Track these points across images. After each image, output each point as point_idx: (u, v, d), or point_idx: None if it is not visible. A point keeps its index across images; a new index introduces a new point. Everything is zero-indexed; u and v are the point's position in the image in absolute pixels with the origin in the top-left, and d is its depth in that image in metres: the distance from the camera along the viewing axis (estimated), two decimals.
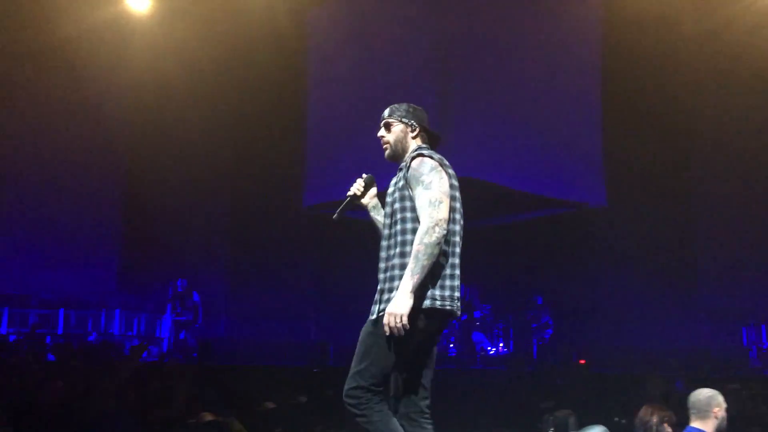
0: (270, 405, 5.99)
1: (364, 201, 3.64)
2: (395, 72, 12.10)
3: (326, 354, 10.77)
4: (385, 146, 3.48)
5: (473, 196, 12.99)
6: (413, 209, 3.22)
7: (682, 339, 11.28)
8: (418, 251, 3.07)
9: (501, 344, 12.81)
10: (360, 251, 12.99)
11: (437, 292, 3.14)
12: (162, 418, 6.68)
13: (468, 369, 10.41)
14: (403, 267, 3.13)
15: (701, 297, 12.19)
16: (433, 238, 3.08)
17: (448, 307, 3.17)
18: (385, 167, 12.29)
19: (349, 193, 3.61)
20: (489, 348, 12.70)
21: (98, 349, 9.86)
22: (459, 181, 11.13)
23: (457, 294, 3.22)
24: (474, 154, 11.39)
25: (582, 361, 9.29)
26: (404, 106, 3.48)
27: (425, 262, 3.06)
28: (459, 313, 3.25)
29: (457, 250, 3.28)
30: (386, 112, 3.48)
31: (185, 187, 13.53)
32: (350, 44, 12.65)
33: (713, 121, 12.19)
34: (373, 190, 3.63)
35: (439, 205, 3.14)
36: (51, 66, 12.63)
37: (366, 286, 12.62)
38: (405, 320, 3.03)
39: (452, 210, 3.25)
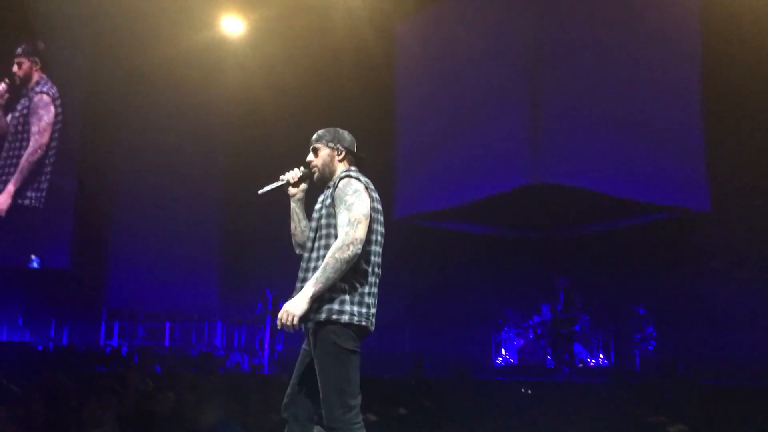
0: (372, 417, 5.99)
1: (293, 189, 3.73)
2: (484, 80, 11.99)
3: (422, 365, 10.73)
4: (313, 170, 3.64)
5: (569, 205, 12.73)
6: (335, 227, 3.38)
7: None
8: (327, 263, 3.23)
9: (601, 356, 12.41)
10: (452, 262, 13.03)
11: (356, 309, 3.30)
12: (264, 427, 6.84)
13: (568, 381, 10.10)
14: None
15: None
16: (345, 255, 3.23)
17: (364, 323, 3.32)
18: (473, 177, 12.10)
19: (283, 177, 3.71)
20: (588, 359, 12.33)
21: (203, 361, 10.21)
22: (554, 189, 10.85)
23: (373, 311, 3.42)
24: (569, 162, 11.11)
25: None
26: (331, 131, 3.69)
27: (331, 275, 3.21)
28: (373, 329, 3.42)
29: (377, 270, 3.51)
30: (314, 138, 3.69)
31: (281, 202, 13.84)
32: (437, 55, 12.66)
33: None
34: (305, 186, 3.74)
35: (356, 225, 3.30)
36: (156, 88, 13.29)
37: (459, 297, 12.56)
38: (296, 321, 3.18)
39: (373, 232, 3.44)
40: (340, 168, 3.63)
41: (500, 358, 12.60)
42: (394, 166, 13.09)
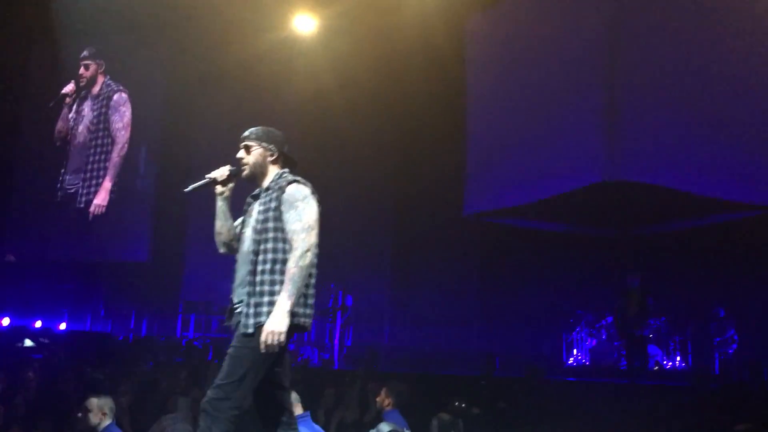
0: (445, 416, 5.99)
1: (221, 188, 3.76)
2: (557, 75, 11.76)
3: (492, 364, 10.65)
4: (243, 167, 3.67)
5: (647, 203, 12.36)
6: (283, 231, 3.44)
7: None
8: (294, 274, 3.30)
9: (678, 358, 12.02)
10: (524, 260, 12.86)
11: (301, 310, 3.36)
12: (339, 421, 6.93)
13: (644, 384, 9.81)
14: (272, 283, 3.36)
15: None
16: (307, 262, 3.34)
17: (306, 323, 3.41)
18: (546, 174, 11.87)
19: (210, 175, 3.75)
20: (665, 362, 11.96)
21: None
22: (631, 186, 10.54)
23: (312, 311, 3.49)
24: (648, 158, 10.78)
25: None
26: (265, 130, 3.74)
27: (299, 284, 3.31)
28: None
29: (315, 271, 3.55)
30: (247, 134, 3.70)
31: (348, 198, 14.02)
32: (509, 51, 12.49)
33: None
34: (232, 184, 3.78)
35: (311, 232, 3.42)
36: (229, 88, 13.61)
37: (530, 296, 12.41)
38: (283, 338, 3.22)
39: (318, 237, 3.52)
40: (273, 169, 3.68)
41: (572, 359, 12.37)
42: (464, 163, 13.01)
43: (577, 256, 12.59)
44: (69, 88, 14.69)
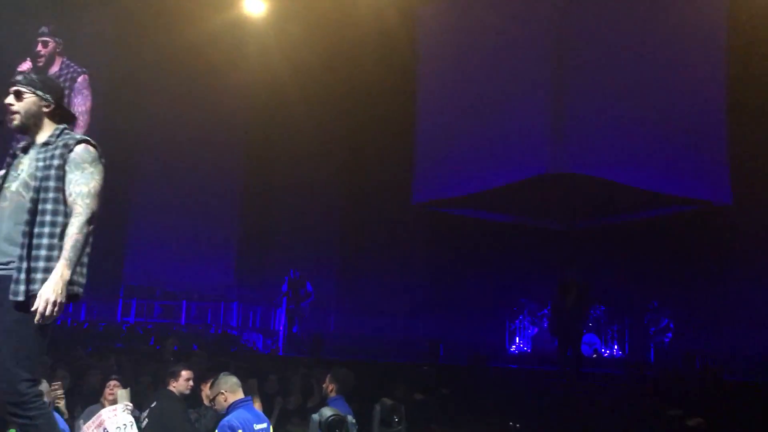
0: (388, 401, 5.99)
1: None
2: (506, 68, 11.90)
3: (436, 351, 10.76)
4: (12, 116, 3.25)
5: (589, 195, 12.64)
6: (63, 191, 3.16)
7: None
8: (77, 240, 3.04)
9: (616, 346, 12.38)
10: (470, 249, 13.00)
11: (78, 279, 3.12)
12: (282, 407, 6.89)
13: (583, 371, 10.06)
14: (51, 248, 3.06)
15: None
16: (91, 229, 3.12)
17: (80, 292, 3.14)
18: (493, 164, 11.97)
19: None
20: (603, 350, 12.30)
21: (220, 340, 10.28)
22: (574, 178, 10.73)
23: (85, 281, 3.19)
24: (590, 151, 11.03)
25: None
26: (43, 78, 3.34)
27: (81, 252, 3.07)
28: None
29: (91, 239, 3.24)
30: (20, 78, 3.28)
31: (299, 184, 13.92)
32: (460, 41, 12.56)
33: None
34: None
35: (96, 198, 3.17)
36: (178, 69, 13.29)
37: (476, 285, 12.46)
38: (61, 309, 2.97)
39: None
40: (48, 123, 3.30)
41: (514, 346, 12.60)
42: (413, 151, 13.05)
43: (522, 246, 12.80)
44: (26, 65, 14.02)
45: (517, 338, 12.66)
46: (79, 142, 3.26)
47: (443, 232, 13.47)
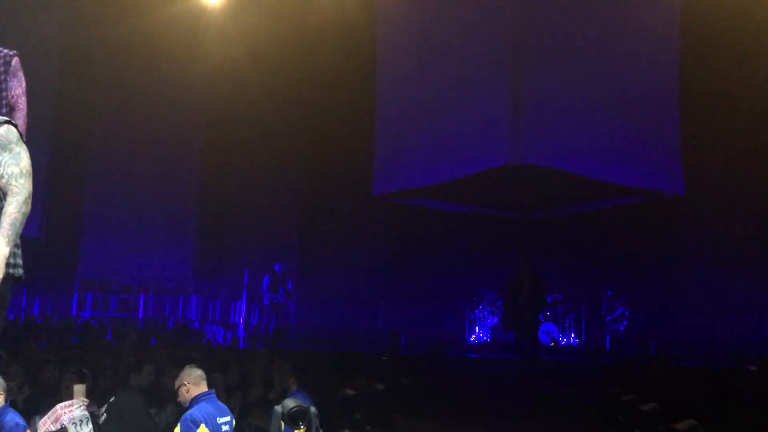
0: (350, 392, 6.04)
1: None
2: (465, 59, 11.97)
3: (397, 341, 10.83)
4: None
5: (546, 186, 12.82)
6: None
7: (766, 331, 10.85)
8: (16, 219, 3.01)
9: (573, 335, 12.64)
10: (429, 240, 13.08)
11: (18, 261, 3.07)
12: (242, 401, 6.85)
13: (541, 359, 10.25)
14: None
15: None
16: (28, 209, 3.06)
17: (20, 273, 3.09)
18: (452, 156, 12.01)
19: None
20: (560, 338, 12.54)
21: (179, 334, 10.16)
22: (531, 169, 10.80)
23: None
24: (548, 143, 11.19)
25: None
26: None
27: (19, 231, 3.01)
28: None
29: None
30: None
31: (257, 175, 13.80)
32: (419, 32, 12.58)
33: None
34: None
35: (29, 177, 3.13)
36: (134, 57, 13.02)
37: (435, 275, 12.52)
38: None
39: None
40: None
41: (474, 336, 12.75)
42: (373, 142, 13.06)
43: (481, 237, 12.94)
44: None
45: (477, 328, 12.81)
46: (1, 123, 3.17)
47: (403, 222, 13.53)
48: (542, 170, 11.21)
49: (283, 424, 4.09)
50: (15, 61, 3.99)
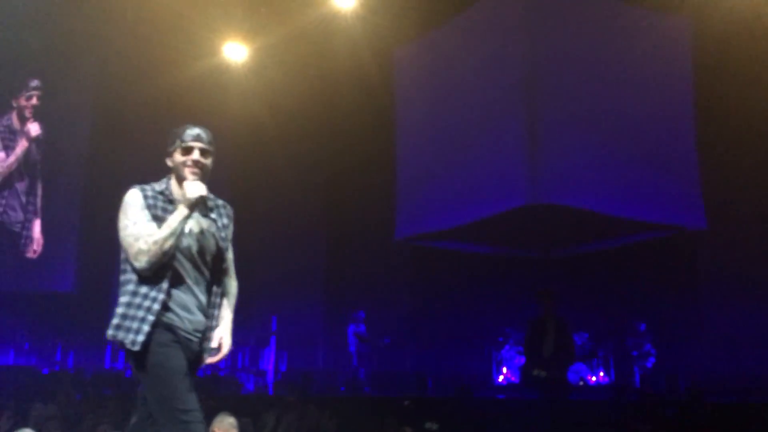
0: None
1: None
2: (482, 103, 12.20)
3: (424, 384, 10.87)
4: (198, 172, 3.36)
5: (567, 224, 12.89)
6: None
7: None
8: (232, 304, 3.54)
9: (602, 373, 12.53)
10: (453, 282, 13.18)
11: None
12: None
13: (571, 399, 10.19)
14: (218, 308, 3.43)
15: None
16: None
17: None
18: (472, 198, 12.07)
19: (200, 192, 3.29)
20: (589, 377, 12.44)
21: (209, 383, 10.30)
22: (551, 209, 10.88)
23: None
24: (566, 181, 11.29)
25: None
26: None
27: None
28: None
29: None
30: (207, 137, 3.41)
31: (281, 225, 14.09)
32: (435, 79, 12.90)
33: None
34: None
35: None
36: (161, 116, 13.53)
37: (460, 317, 12.54)
38: None
39: None
40: None
41: (501, 376, 12.71)
42: (394, 188, 13.30)
43: (505, 276, 13.00)
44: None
45: (505, 368, 12.78)
46: (226, 205, 3.64)
47: (426, 265, 13.66)
48: (561, 209, 11.30)
49: None
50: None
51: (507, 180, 11.83)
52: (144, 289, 3.11)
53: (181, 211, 3.19)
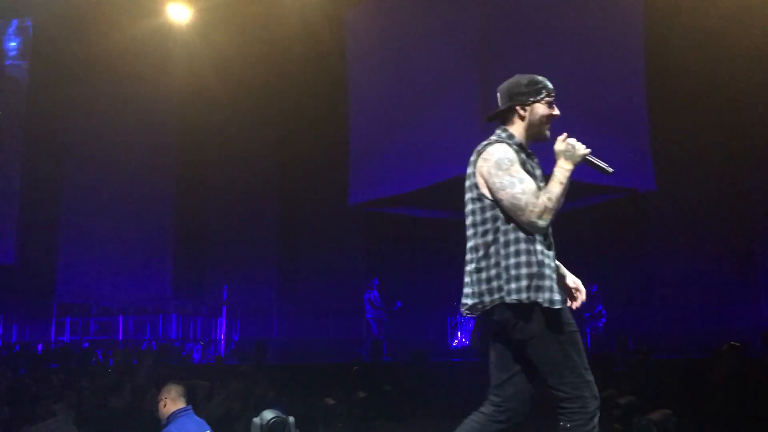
0: (330, 401, 6.07)
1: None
2: (433, 67, 12.06)
3: (379, 350, 10.85)
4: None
5: None
6: None
7: (742, 321, 11.01)
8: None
9: None
10: (408, 248, 13.13)
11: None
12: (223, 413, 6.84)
13: None
14: None
15: (761, 277, 11.87)
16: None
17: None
18: (426, 163, 12.09)
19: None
20: None
21: (159, 354, 10.11)
22: None
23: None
24: None
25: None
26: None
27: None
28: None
29: None
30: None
31: (232, 191, 13.80)
32: (387, 40, 12.67)
33: (762, 98, 11.86)
34: None
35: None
36: (102, 78, 13.01)
37: (415, 282, 12.55)
38: None
39: None
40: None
41: (456, 341, 12.79)
42: (347, 154, 13.12)
43: (460, 242, 12.97)
44: None
45: (459, 332, 12.86)
46: None
47: (380, 232, 13.58)
48: None
49: None
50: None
51: (460, 145, 11.74)
52: (539, 247, 2.95)
53: (567, 166, 3.12)
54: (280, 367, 9.58)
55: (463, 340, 12.84)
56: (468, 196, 3.12)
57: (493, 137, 3.15)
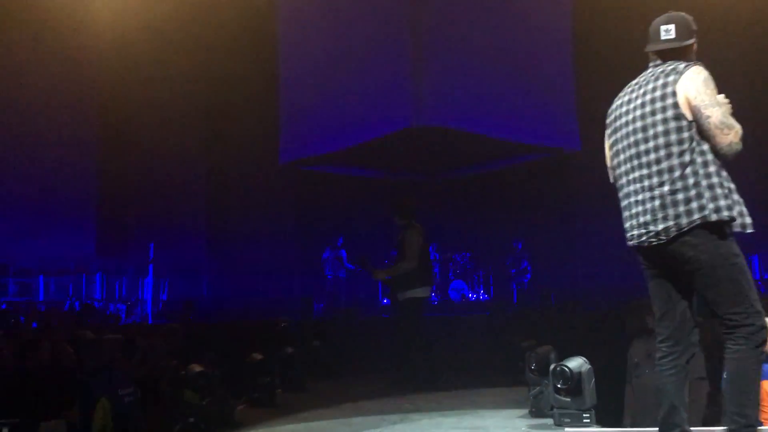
0: (258, 356, 6.07)
1: None
2: (366, 24, 11.96)
3: (310, 308, 10.91)
4: None
5: (450, 147, 13.07)
6: None
7: None
8: None
9: (482, 291, 13.07)
10: (338, 206, 13.14)
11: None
12: (147, 374, 6.76)
13: (452, 315, 10.58)
14: None
15: None
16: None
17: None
18: (357, 121, 12.02)
19: None
20: (470, 294, 12.95)
21: (82, 314, 9.86)
22: (434, 131, 10.92)
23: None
24: (448, 104, 11.38)
25: None
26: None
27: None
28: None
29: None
30: None
31: (159, 148, 13.39)
32: None
33: None
34: None
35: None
36: (17, 31, 12.31)
37: (346, 240, 12.47)
38: None
39: None
40: None
41: (386, 299, 12.95)
42: (278, 111, 12.92)
43: (388, 200, 13.07)
44: None
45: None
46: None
47: (311, 190, 13.51)
48: (445, 132, 11.42)
49: None
50: None
51: (390, 103, 11.77)
52: (724, 173, 2.93)
53: None
54: (208, 325, 9.50)
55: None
56: (659, 117, 3.04)
57: (680, 64, 3.12)
